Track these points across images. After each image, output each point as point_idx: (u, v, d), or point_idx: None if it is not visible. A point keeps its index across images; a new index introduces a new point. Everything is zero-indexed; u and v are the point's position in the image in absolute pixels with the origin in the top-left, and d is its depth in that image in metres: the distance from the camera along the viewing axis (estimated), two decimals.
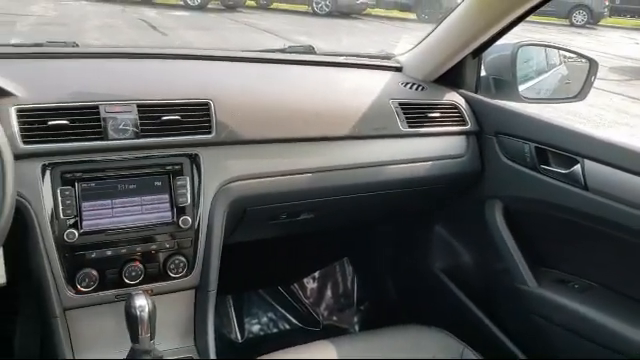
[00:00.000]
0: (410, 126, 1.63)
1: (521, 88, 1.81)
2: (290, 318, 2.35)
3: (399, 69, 1.86)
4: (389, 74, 1.82)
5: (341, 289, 2.45)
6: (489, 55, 1.83)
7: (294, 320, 2.35)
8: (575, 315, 1.52)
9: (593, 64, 1.86)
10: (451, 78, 1.81)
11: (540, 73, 2.04)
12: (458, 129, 1.72)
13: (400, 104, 1.65)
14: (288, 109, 1.51)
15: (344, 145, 1.55)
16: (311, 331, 2.33)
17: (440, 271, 1.98)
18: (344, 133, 1.54)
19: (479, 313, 1.83)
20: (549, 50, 2.06)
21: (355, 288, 2.43)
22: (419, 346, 1.45)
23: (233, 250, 1.49)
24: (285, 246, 2.19)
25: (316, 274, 2.45)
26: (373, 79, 1.76)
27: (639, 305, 1.47)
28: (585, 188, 1.45)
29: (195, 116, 1.35)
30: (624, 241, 1.41)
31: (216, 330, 1.44)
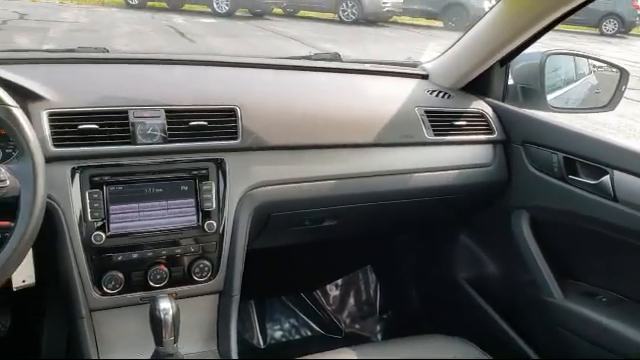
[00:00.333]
0: (436, 134, 1.62)
1: (549, 97, 1.79)
2: (312, 325, 2.35)
3: (425, 77, 1.85)
4: (415, 82, 1.81)
5: (364, 297, 2.43)
6: (517, 64, 1.81)
7: (316, 327, 2.35)
8: (602, 328, 1.49)
9: (624, 73, 1.83)
10: (478, 86, 1.79)
11: (569, 82, 2.01)
12: (485, 138, 1.70)
13: (426, 112, 1.64)
14: (314, 116, 1.51)
15: (369, 152, 1.55)
16: (333, 338, 2.32)
17: (464, 281, 1.96)
18: (369, 140, 1.54)
19: (503, 324, 1.80)
20: (578, 59, 2.03)
21: (378, 296, 2.42)
22: (442, 356, 1.43)
23: (257, 255, 1.50)
24: (308, 253, 2.19)
25: (339, 281, 2.45)
26: (399, 86, 1.76)
27: None
28: (614, 199, 1.42)
29: (222, 122, 1.36)
30: None
31: (238, 335, 1.45)
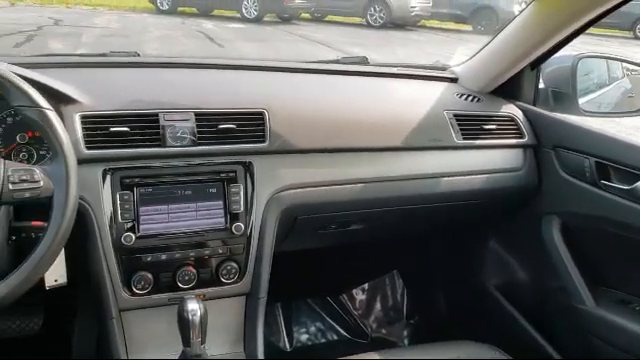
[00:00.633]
0: (465, 138, 1.61)
1: (581, 101, 1.76)
2: (338, 329, 2.34)
3: (454, 80, 1.83)
4: (444, 85, 1.80)
5: (390, 302, 2.42)
6: (548, 67, 1.79)
7: (342, 331, 2.34)
8: (636, 337, 1.46)
9: None
10: (508, 90, 1.77)
11: (601, 86, 1.98)
12: (515, 142, 1.68)
13: (455, 115, 1.63)
14: (341, 119, 1.51)
15: (397, 156, 1.54)
16: (359, 343, 2.32)
17: (493, 287, 1.94)
18: (397, 144, 1.53)
19: (533, 331, 1.77)
20: (611, 62, 2.00)
21: (405, 301, 2.41)
22: None
23: (284, 258, 1.50)
24: (335, 256, 2.19)
25: (365, 286, 2.44)
26: (427, 90, 1.75)
27: None
28: None
29: (250, 125, 1.37)
30: None
31: (265, 338, 1.45)
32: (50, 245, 1.01)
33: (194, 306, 1.17)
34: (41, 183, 1.02)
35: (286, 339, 2.25)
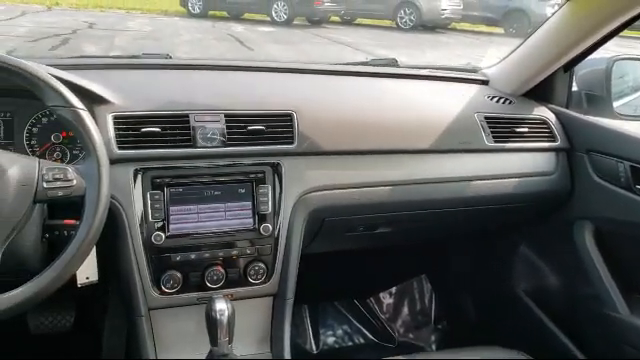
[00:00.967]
0: (496, 141, 1.59)
1: (616, 104, 1.72)
2: (365, 332, 2.33)
3: (485, 82, 1.82)
4: (475, 87, 1.78)
5: (418, 306, 2.40)
6: (581, 69, 1.75)
7: (369, 335, 2.33)
8: None
9: None
10: (540, 92, 1.75)
11: (637, 89, 1.93)
12: (547, 145, 1.65)
13: (486, 118, 1.61)
14: (370, 121, 1.50)
15: (426, 158, 1.53)
16: (386, 347, 2.30)
17: (523, 292, 1.91)
18: (426, 146, 1.52)
19: (563, 338, 1.74)
20: None
21: (433, 306, 2.38)
22: None
23: (311, 260, 1.50)
24: (362, 259, 2.18)
25: (393, 289, 2.42)
26: (458, 92, 1.73)
27: None
28: None
29: (278, 126, 1.38)
30: None
31: (291, 339, 1.45)
32: (82, 243, 1.03)
33: (222, 306, 1.18)
34: (74, 182, 1.04)
35: (312, 341, 2.25)
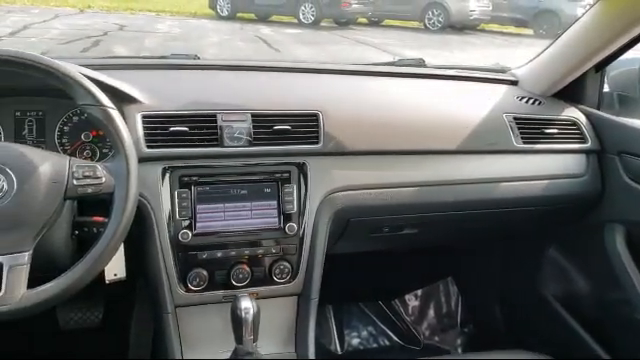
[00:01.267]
0: (525, 142, 1.57)
1: None
2: (390, 334, 2.32)
3: (515, 83, 1.79)
4: (504, 87, 1.76)
5: (444, 309, 2.38)
6: (613, 70, 1.72)
7: (394, 337, 2.32)
8: None
9: None
10: (571, 93, 1.72)
11: None
12: (577, 147, 1.63)
13: (515, 119, 1.59)
14: (396, 121, 1.50)
15: (453, 159, 1.51)
16: (411, 349, 2.29)
17: (552, 296, 1.87)
18: (454, 147, 1.51)
19: (593, 344, 1.71)
20: None
21: (459, 309, 2.36)
22: None
23: (336, 260, 1.50)
24: (388, 261, 2.17)
25: (418, 292, 2.41)
26: (486, 92, 1.71)
27: None
28: None
29: (304, 126, 1.38)
30: None
31: (316, 339, 1.45)
32: (110, 240, 1.04)
33: (247, 304, 1.19)
34: (103, 179, 1.05)
35: (337, 342, 2.25)
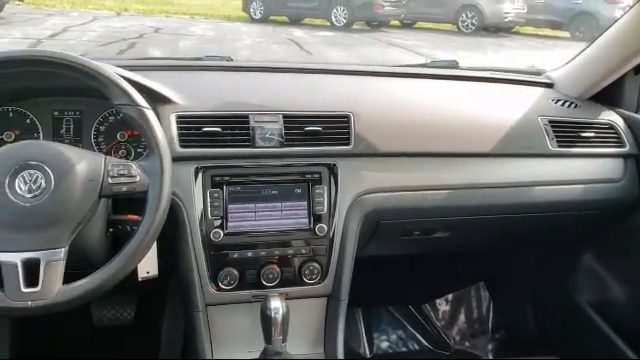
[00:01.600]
0: (560, 145, 1.54)
1: None
2: (420, 339, 2.30)
3: (550, 85, 1.77)
4: (539, 90, 1.73)
5: (475, 314, 2.35)
6: None
7: (424, 341, 2.30)
8: None
9: None
10: (608, 96, 1.69)
11: None
12: (615, 151, 1.59)
13: (550, 122, 1.56)
14: (428, 123, 1.49)
15: (486, 162, 1.50)
16: (441, 354, 2.26)
17: (586, 303, 1.83)
18: (487, 150, 1.49)
19: (631, 354, 1.66)
20: None
21: (491, 315, 2.33)
22: None
23: (366, 263, 1.50)
24: (418, 264, 2.15)
25: (449, 296, 2.38)
26: (521, 95, 1.69)
27: None
28: None
29: (335, 127, 1.38)
30: None
31: (345, 342, 1.45)
32: (143, 238, 1.06)
33: (277, 304, 1.19)
34: (137, 178, 1.07)
35: (366, 345, 2.24)
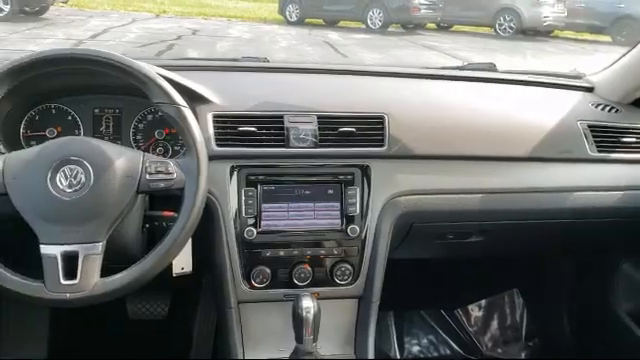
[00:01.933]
0: (600, 150, 1.51)
1: None
2: (451, 344, 2.28)
3: (590, 89, 1.73)
4: (579, 94, 1.70)
5: (509, 321, 2.32)
6: None
7: (456, 347, 2.28)
8: None
9: None
10: None
11: None
12: None
13: (590, 126, 1.53)
14: (464, 126, 1.47)
15: (524, 167, 1.47)
16: None
17: (625, 313, 1.79)
18: (524, 154, 1.47)
19: None
20: None
21: (524, 322, 2.29)
22: None
23: (398, 266, 1.49)
24: (452, 269, 2.13)
25: (482, 302, 2.35)
26: (559, 98, 1.66)
27: None
28: None
29: (369, 129, 1.38)
30: None
31: (375, 345, 1.44)
32: (179, 234, 1.08)
33: (309, 303, 1.20)
34: (174, 175, 1.09)
35: (397, 349, 2.22)
